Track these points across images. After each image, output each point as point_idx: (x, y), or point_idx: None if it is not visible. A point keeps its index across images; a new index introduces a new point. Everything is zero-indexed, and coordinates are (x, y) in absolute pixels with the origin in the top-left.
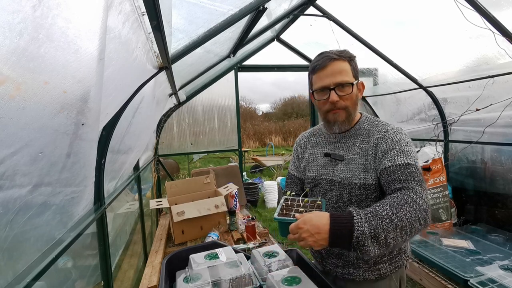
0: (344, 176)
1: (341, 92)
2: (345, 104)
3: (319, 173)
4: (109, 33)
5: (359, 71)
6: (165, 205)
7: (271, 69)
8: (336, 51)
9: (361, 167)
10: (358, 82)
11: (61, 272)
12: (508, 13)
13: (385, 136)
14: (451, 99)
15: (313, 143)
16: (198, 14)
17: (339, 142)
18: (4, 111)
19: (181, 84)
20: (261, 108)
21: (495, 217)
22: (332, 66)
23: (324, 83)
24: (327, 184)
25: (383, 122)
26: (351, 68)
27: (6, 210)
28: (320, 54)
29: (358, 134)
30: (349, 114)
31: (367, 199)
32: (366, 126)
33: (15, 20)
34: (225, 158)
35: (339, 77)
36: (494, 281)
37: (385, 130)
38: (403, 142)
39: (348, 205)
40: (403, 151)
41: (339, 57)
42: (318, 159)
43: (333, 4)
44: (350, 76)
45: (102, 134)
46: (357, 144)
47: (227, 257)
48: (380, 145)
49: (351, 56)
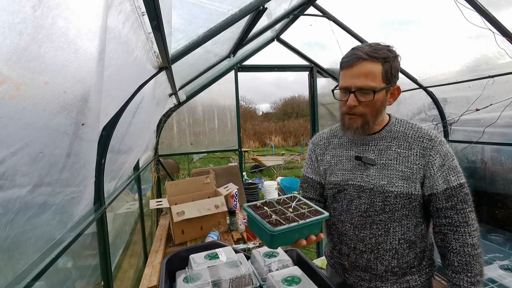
0: (378, 182)
1: (362, 98)
2: (363, 111)
3: (345, 178)
4: (109, 33)
5: (397, 75)
6: (165, 205)
7: (271, 69)
8: (370, 49)
9: (399, 174)
10: (392, 87)
11: (61, 272)
12: (508, 13)
13: (433, 148)
14: (451, 99)
15: (336, 144)
16: (198, 14)
17: (369, 145)
18: (4, 111)
19: (181, 84)
20: (261, 108)
21: (495, 217)
22: (358, 66)
23: (346, 83)
24: (355, 190)
25: (418, 126)
26: (382, 71)
27: (6, 210)
28: (352, 49)
29: (392, 137)
30: (366, 122)
31: (403, 209)
32: (399, 128)
33: (15, 20)
34: (225, 158)
35: (362, 80)
36: (494, 281)
37: (429, 138)
38: (450, 155)
39: (380, 214)
40: (452, 167)
41: (370, 58)
42: (343, 162)
43: (333, 4)
44: (378, 81)
45: (102, 134)
46: (393, 148)
47: (227, 257)
48: (429, 158)
49: (387, 57)
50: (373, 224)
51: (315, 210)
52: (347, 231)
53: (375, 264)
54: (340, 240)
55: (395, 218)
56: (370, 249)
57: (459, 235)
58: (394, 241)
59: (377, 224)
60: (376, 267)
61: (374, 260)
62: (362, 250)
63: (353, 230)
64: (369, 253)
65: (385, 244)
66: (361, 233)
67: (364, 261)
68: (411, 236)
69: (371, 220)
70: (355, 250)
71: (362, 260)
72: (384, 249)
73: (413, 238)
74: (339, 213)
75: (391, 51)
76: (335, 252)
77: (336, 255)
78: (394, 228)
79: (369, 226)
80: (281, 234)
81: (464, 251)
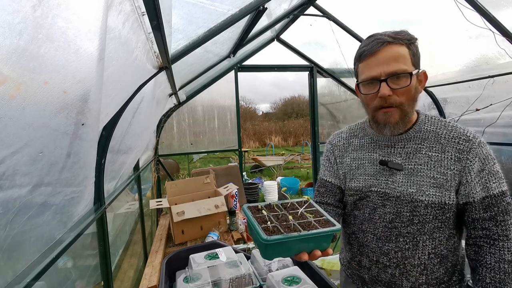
0: (405, 190)
1: (395, 85)
2: (400, 100)
3: (368, 184)
4: (109, 33)
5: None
6: (165, 205)
7: (271, 69)
8: (391, 32)
9: (431, 181)
10: (420, 71)
11: (61, 272)
12: (508, 13)
13: (471, 150)
14: (451, 99)
15: (356, 145)
16: (197, 14)
17: (395, 147)
18: (4, 111)
19: (181, 84)
20: (261, 108)
21: None
22: (384, 51)
23: (373, 73)
24: (379, 198)
25: (453, 123)
26: (410, 53)
27: (6, 210)
28: (370, 37)
29: (422, 138)
30: (405, 114)
31: (435, 220)
32: (430, 127)
33: (15, 20)
34: (225, 158)
35: (394, 65)
36: None
37: (466, 138)
38: (490, 158)
39: (408, 226)
40: (493, 172)
41: (395, 40)
42: (365, 166)
43: (333, 4)
44: (409, 64)
45: (102, 134)
46: (423, 150)
47: (227, 257)
48: (466, 163)
49: (411, 39)
50: (399, 237)
51: (325, 220)
52: (369, 243)
53: (400, 280)
54: (361, 251)
55: (425, 231)
56: (396, 264)
57: (496, 249)
58: (424, 255)
59: (404, 236)
60: (401, 284)
61: (400, 276)
62: (385, 265)
63: (376, 241)
64: (393, 268)
65: (412, 259)
66: (385, 245)
67: (388, 276)
68: (442, 250)
69: (397, 232)
70: (377, 264)
71: (386, 275)
72: (411, 265)
73: (444, 252)
74: (360, 222)
75: (411, 35)
76: (354, 263)
77: (355, 266)
78: (424, 242)
79: (395, 239)
80: (277, 244)
81: (499, 267)
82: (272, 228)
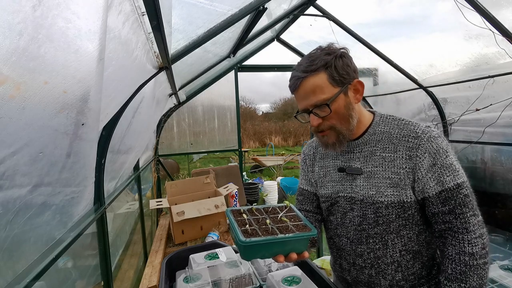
0: (366, 193)
1: (321, 113)
2: (330, 124)
3: (335, 190)
4: (109, 33)
5: (351, 70)
6: (165, 205)
7: (271, 69)
8: (306, 64)
9: (387, 181)
10: (350, 84)
11: (61, 272)
12: (508, 13)
13: (420, 146)
14: (451, 99)
15: (322, 154)
16: (197, 14)
17: (353, 152)
18: (4, 111)
19: (181, 84)
20: (261, 108)
21: (495, 217)
22: (302, 87)
23: (301, 106)
24: (347, 202)
25: (405, 121)
26: (327, 78)
27: (6, 210)
28: (293, 71)
29: (376, 140)
30: (339, 133)
31: (398, 219)
32: (384, 128)
33: (15, 20)
34: (225, 158)
35: (312, 98)
36: (494, 281)
37: (415, 135)
38: (442, 152)
39: (375, 226)
40: (446, 165)
41: (307, 74)
42: (331, 174)
43: (333, 4)
44: (328, 91)
45: (102, 134)
46: (378, 152)
47: (227, 257)
48: (417, 160)
49: (326, 63)
50: (369, 238)
51: (303, 225)
52: (344, 246)
53: (378, 279)
54: (339, 255)
55: (391, 230)
56: (370, 264)
57: (456, 241)
58: (395, 253)
59: (373, 237)
60: (379, 282)
61: (377, 275)
62: (362, 266)
63: (350, 244)
64: (369, 269)
65: (385, 258)
66: (358, 247)
67: (366, 276)
68: (413, 246)
69: (367, 234)
70: (354, 266)
71: (364, 276)
72: (385, 263)
73: (416, 248)
74: (334, 226)
75: (330, 53)
76: (337, 266)
77: (338, 269)
78: (392, 240)
79: (365, 240)
80: (254, 246)
81: (459, 259)
82: (251, 231)
